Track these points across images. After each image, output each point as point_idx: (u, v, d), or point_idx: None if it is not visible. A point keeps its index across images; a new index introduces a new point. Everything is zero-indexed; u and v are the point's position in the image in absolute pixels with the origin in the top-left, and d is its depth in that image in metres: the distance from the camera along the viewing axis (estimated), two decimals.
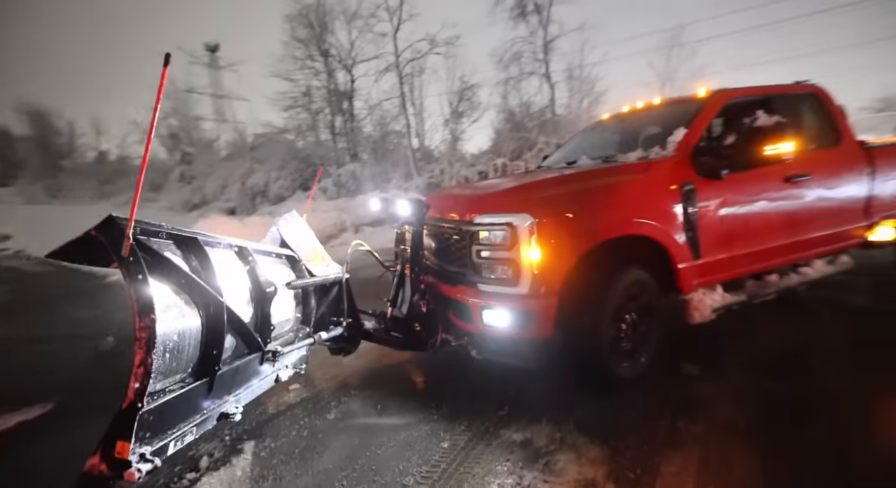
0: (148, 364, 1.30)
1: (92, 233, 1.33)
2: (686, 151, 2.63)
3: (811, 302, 3.51)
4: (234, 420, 1.79)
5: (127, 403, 1.30)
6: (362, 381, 2.84)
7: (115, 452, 1.28)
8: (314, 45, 17.77)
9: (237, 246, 1.99)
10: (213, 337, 1.63)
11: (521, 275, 2.22)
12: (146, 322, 1.31)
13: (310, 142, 18.68)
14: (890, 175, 3.30)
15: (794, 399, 2.26)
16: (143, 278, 1.33)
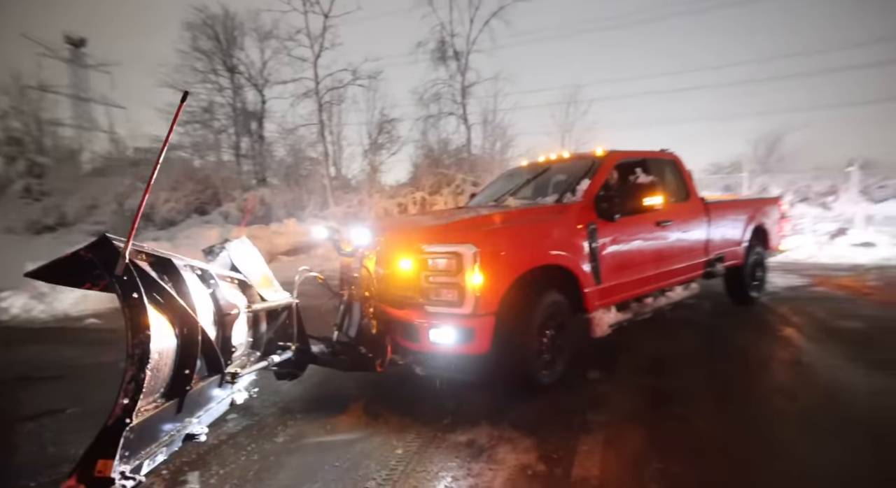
0: (140, 380, 1.36)
1: (82, 253, 1.36)
2: (590, 198, 3.32)
3: (674, 319, 4.45)
4: (199, 440, 1.79)
5: (113, 420, 1.33)
6: (306, 405, 2.90)
7: (94, 471, 1.29)
8: (218, 59, 16.97)
9: (199, 268, 2.04)
10: (187, 357, 1.67)
11: (465, 296, 2.59)
12: (140, 338, 1.37)
13: (210, 162, 17.40)
14: (720, 223, 4.44)
15: (665, 391, 2.93)
16: (138, 296, 1.39)
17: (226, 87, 17.27)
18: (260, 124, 17.12)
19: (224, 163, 16.92)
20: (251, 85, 17.15)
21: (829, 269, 7.34)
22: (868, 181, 11.57)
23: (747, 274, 4.96)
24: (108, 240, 1.39)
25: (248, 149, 17.38)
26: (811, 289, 5.94)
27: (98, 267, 1.37)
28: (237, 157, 17.10)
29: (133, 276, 1.39)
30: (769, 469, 2.07)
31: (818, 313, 4.62)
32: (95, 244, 1.38)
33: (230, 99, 17.24)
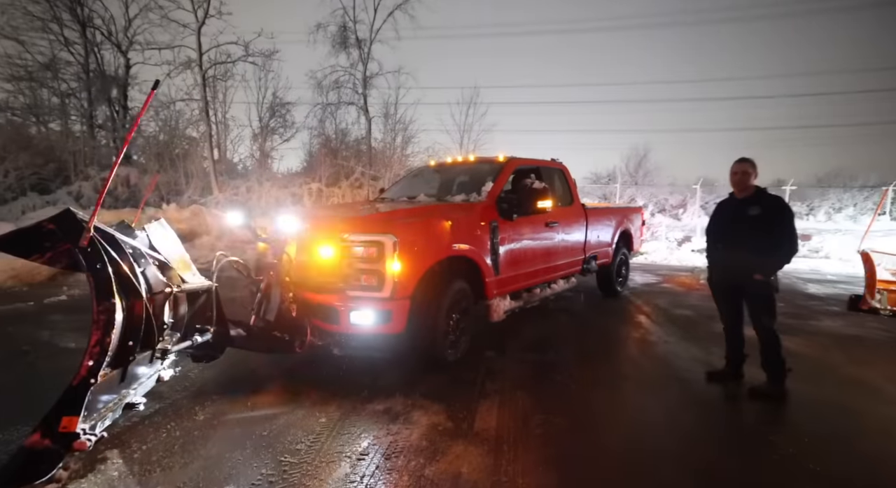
0: (105, 344, 1.56)
1: (45, 224, 1.52)
2: (493, 199, 4.01)
3: (556, 307, 5.46)
4: (139, 409, 1.96)
5: (79, 380, 1.52)
6: (220, 387, 3.07)
7: (59, 427, 1.49)
8: (64, 6, 14.51)
9: (132, 246, 2.17)
10: (132, 330, 1.86)
11: (384, 281, 3.04)
12: (106, 306, 1.57)
13: (53, 130, 14.87)
14: (595, 227, 5.57)
15: (546, 363, 3.74)
16: (101, 267, 1.59)
17: (75, 42, 14.87)
18: (123, 92, 15.09)
19: (73, 133, 14.55)
20: (112, 44, 15.03)
21: (675, 270, 9.36)
22: (707, 197, 14.77)
23: (615, 271, 6.24)
24: (72, 214, 1.55)
25: (105, 121, 15.19)
26: (660, 285, 7.61)
27: (58, 238, 1.54)
28: (91, 128, 14.84)
29: (97, 248, 1.58)
30: (619, 413, 2.93)
31: (662, 304, 6.05)
32: (59, 217, 1.53)
33: (80, 57, 14.88)
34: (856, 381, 3.51)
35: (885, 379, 3.55)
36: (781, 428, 2.77)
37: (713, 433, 2.69)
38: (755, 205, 3.04)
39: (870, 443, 2.59)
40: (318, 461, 2.25)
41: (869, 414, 2.95)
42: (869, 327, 5.14)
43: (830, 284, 8.01)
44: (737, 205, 3.17)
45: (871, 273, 5.52)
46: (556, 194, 5.05)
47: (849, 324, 5.25)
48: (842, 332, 4.93)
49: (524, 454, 2.37)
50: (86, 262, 1.54)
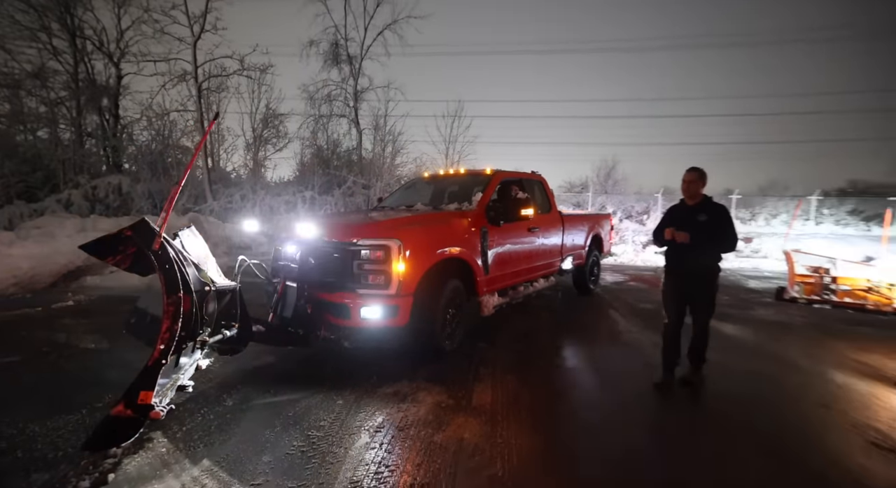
0: (174, 330, 1.79)
1: (126, 231, 1.74)
2: (483, 207, 4.33)
3: (537, 304, 5.81)
4: (188, 391, 2.17)
5: (153, 361, 1.75)
6: (244, 377, 3.28)
7: (138, 400, 1.71)
8: (54, 15, 14.18)
9: (178, 250, 2.38)
10: (186, 321, 2.08)
11: (391, 280, 3.32)
12: (174, 298, 1.80)
13: (41, 139, 14.49)
14: (570, 231, 5.96)
15: (531, 351, 4.07)
16: (169, 266, 1.82)
17: (64, 52, 14.55)
18: (115, 102, 14.83)
19: (62, 142, 14.21)
20: (103, 54, 14.77)
21: (641, 270, 9.90)
22: (668, 205, 15.49)
23: (588, 271, 6.65)
24: (146, 222, 1.78)
25: (96, 130, 14.87)
26: (628, 283, 8.08)
27: (132, 243, 1.76)
28: (80, 137, 14.52)
29: (166, 250, 1.81)
30: (590, 387, 3.27)
31: (629, 299, 6.49)
32: (136, 225, 1.76)
33: (69, 66, 14.58)
34: (777, 357, 4.03)
35: (800, 355, 4.09)
36: (719, 394, 3.20)
37: (666, 397, 3.10)
38: (703, 212, 3.21)
39: (785, 402, 3.08)
40: (341, 433, 2.50)
41: (785, 381, 3.48)
42: (791, 314, 5.78)
43: (767, 280, 8.73)
44: (688, 212, 3.29)
45: (791, 268, 6.32)
46: (537, 203, 5.41)
47: (776, 312, 5.85)
48: (770, 319, 5.52)
49: (516, 422, 2.69)
50: (157, 262, 1.76)
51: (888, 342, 4.53)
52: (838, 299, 6.07)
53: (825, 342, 4.52)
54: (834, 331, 4.96)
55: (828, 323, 5.33)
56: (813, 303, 6.15)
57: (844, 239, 14.25)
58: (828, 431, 2.66)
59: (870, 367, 3.75)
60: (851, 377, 3.54)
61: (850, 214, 18.82)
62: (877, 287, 5.85)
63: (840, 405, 3.01)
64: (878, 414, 2.88)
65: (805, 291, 6.29)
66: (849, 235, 15.59)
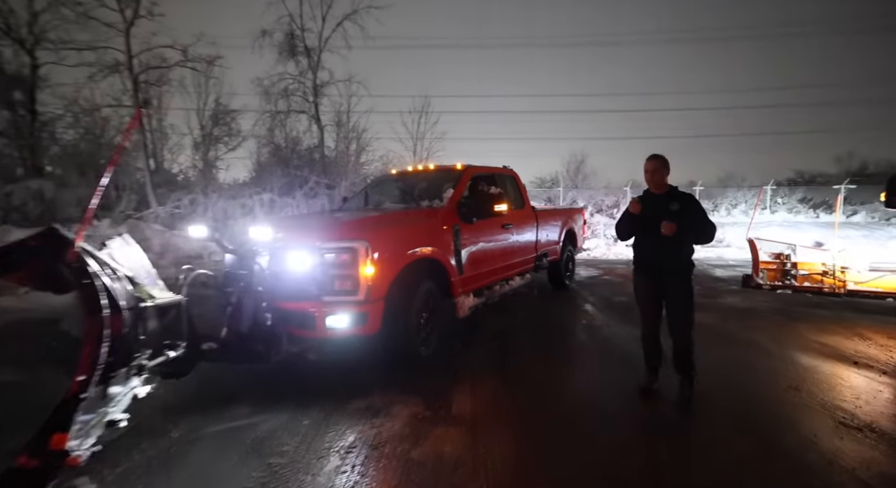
0: (97, 356, 1.52)
1: (31, 242, 1.45)
2: (454, 204, 4.17)
3: (514, 302, 5.73)
4: (120, 426, 1.88)
5: (69, 395, 1.47)
6: (194, 402, 2.97)
7: (49, 445, 1.43)
8: None
9: (104, 261, 2.07)
10: (118, 343, 1.79)
11: (359, 285, 3.10)
12: (97, 318, 1.53)
13: None
14: (544, 227, 5.91)
15: (509, 351, 3.98)
16: (88, 281, 1.54)
17: None
18: (30, 95, 13.32)
19: None
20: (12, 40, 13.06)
21: (613, 263, 10.07)
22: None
23: (563, 267, 6.63)
24: (56, 230, 1.49)
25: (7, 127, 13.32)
26: (602, 277, 8.17)
27: (40, 255, 1.47)
28: None
29: (84, 263, 1.53)
30: (572, 386, 3.18)
31: (604, 293, 6.54)
32: (43, 234, 1.47)
33: None
34: (748, 342, 4.15)
35: (767, 339, 4.24)
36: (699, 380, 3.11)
37: (649, 395, 3.02)
38: (674, 200, 2.95)
39: (759, 386, 3.18)
40: (308, 457, 2.28)
41: (757, 365, 3.58)
42: (757, 300, 6.03)
43: (731, 268, 9.14)
44: (658, 201, 2.99)
45: (756, 256, 6.61)
46: (510, 198, 5.30)
47: (743, 299, 6.08)
48: (738, 306, 5.73)
49: (497, 429, 2.57)
50: (74, 277, 1.48)
51: (843, 322, 4.82)
52: (798, 284, 6.43)
53: (789, 326, 4.73)
54: (796, 314, 5.21)
55: (790, 307, 5.60)
56: (776, 288, 6.46)
57: (796, 226, 15.16)
58: (800, 412, 2.77)
59: (830, 348, 3.95)
60: (815, 359, 3.71)
61: (800, 202, 20.11)
62: (831, 271, 6.20)
63: (808, 386, 3.13)
64: (843, 393, 3.02)
65: (769, 277, 6.58)
66: (800, 222, 16.63)
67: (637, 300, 3.16)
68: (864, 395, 2.98)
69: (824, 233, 12.04)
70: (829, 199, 19.10)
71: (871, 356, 3.73)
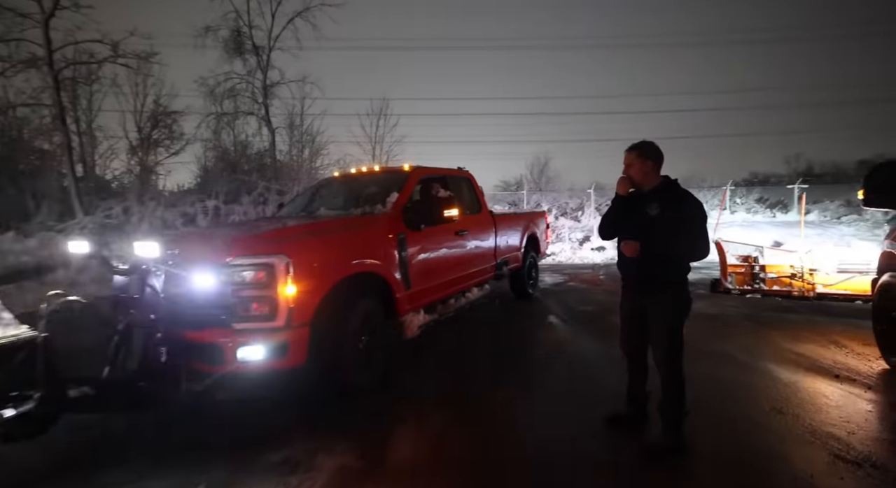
0: None
1: None
2: (399, 209, 3.75)
3: (472, 316, 5.34)
4: None
5: None
6: (50, 468, 2.38)
7: None
8: None
9: None
10: None
11: (277, 309, 2.62)
12: None
13: None
14: (504, 233, 5.58)
15: (463, 377, 3.58)
16: None
17: None
18: None
19: None
20: None
21: (579, 268, 9.92)
22: (599, 200, 16.07)
23: (525, 274, 6.32)
24: None
25: None
26: (567, 284, 7.95)
27: None
28: None
29: None
30: (534, 418, 2.80)
31: (569, 302, 6.28)
32: None
33: None
34: (722, 356, 3.90)
35: (741, 351, 4.01)
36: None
37: (621, 429, 2.65)
38: (656, 202, 2.35)
39: (739, 408, 2.88)
40: None
41: (734, 382, 3.31)
42: (726, 305, 5.87)
43: (697, 270, 9.02)
44: (637, 201, 2.45)
45: (723, 259, 6.47)
46: (464, 202, 4.95)
47: (711, 304, 5.91)
48: (707, 312, 5.53)
49: (442, 483, 2.12)
50: None
51: (815, 328, 4.67)
52: (768, 287, 6.30)
53: (762, 333, 4.54)
54: (767, 320, 5.06)
55: (760, 312, 5.47)
56: (745, 293, 6.30)
57: (755, 225, 15.65)
58: (789, 443, 2.44)
59: (808, 359, 3.74)
60: (795, 372, 3.46)
61: (757, 202, 20.97)
62: (800, 273, 6.11)
63: (793, 408, 2.84)
64: (831, 415, 2.74)
65: (737, 281, 6.44)
66: (758, 222, 17.23)
67: (620, 314, 2.65)
68: (854, 418, 2.71)
69: (782, 233, 12.38)
70: (784, 199, 20.01)
71: (851, 367, 3.53)
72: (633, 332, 2.56)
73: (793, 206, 19.27)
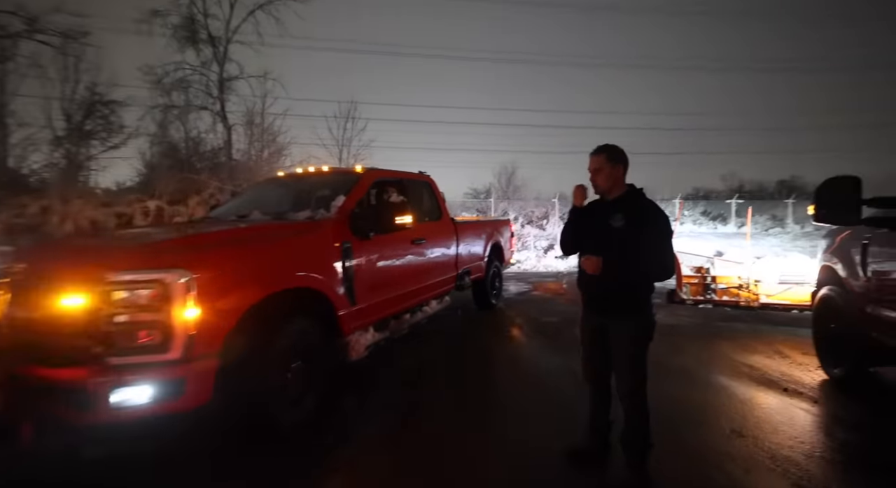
0: None
1: None
2: (345, 215, 3.20)
3: (431, 331, 4.83)
4: None
5: None
6: None
7: None
8: None
9: None
10: None
11: (172, 338, 2.01)
12: None
13: None
14: (466, 241, 5.12)
15: (415, 404, 3.06)
16: None
17: None
18: None
19: None
20: None
21: (544, 277, 9.63)
22: (563, 209, 16.03)
23: (488, 284, 5.88)
24: None
25: None
26: (532, 293, 7.60)
27: None
28: None
29: None
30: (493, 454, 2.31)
31: (532, 313, 5.88)
32: None
33: None
34: (677, 369, 3.67)
35: (696, 364, 3.85)
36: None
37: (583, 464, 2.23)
38: (620, 212, 2.05)
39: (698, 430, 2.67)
40: None
41: (690, 401, 3.09)
42: (680, 315, 5.79)
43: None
44: (601, 211, 2.14)
45: (679, 270, 6.51)
46: (423, 209, 4.46)
47: (667, 314, 5.75)
48: (663, 322, 5.20)
49: None
50: None
51: (760, 337, 4.69)
52: (718, 297, 6.35)
53: (713, 344, 4.44)
54: (717, 330, 5.01)
55: (711, 322, 5.44)
56: (699, 303, 6.33)
57: (701, 236, 16.18)
58: (753, 473, 2.20)
59: (757, 372, 3.65)
60: (748, 387, 3.35)
61: (702, 215, 21.84)
62: (746, 284, 6.22)
63: (751, 429, 2.65)
64: (787, 437, 2.55)
65: (692, 292, 6.47)
66: (703, 233, 17.89)
67: (581, 335, 2.30)
68: (808, 437, 2.57)
69: (723, 243, 12.91)
70: (724, 213, 21.15)
71: (796, 379, 3.48)
72: (595, 356, 2.22)
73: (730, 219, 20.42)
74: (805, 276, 5.60)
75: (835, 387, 3.29)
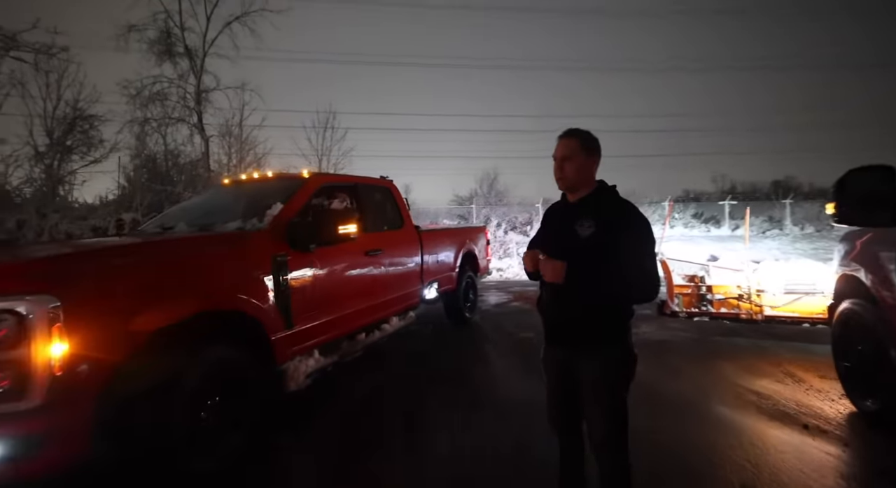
0: None
1: None
2: (281, 225, 2.84)
3: (391, 350, 4.45)
4: None
5: None
6: None
7: None
8: None
9: None
10: None
11: (30, 382, 1.64)
12: None
13: None
14: (433, 251, 4.78)
15: (363, 443, 2.69)
16: None
17: None
18: None
19: None
20: None
21: (525, 285, 9.28)
22: None
23: (461, 297, 5.53)
24: None
25: None
26: (510, 304, 7.25)
27: None
28: None
29: None
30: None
31: (509, 327, 5.51)
32: None
33: None
34: (672, 397, 3.22)
35: (695, 391, 3.35)
36: None
37: None
38: (588, 217, 1.62)
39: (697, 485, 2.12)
40: None
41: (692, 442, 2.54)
42: (673, 329, 5.31)
43: None
44: (565, 216, 1.71)
45: (669, 279, 5.83)
46: (383, 216, 4.12)
47: (658, 328, 5.35)
48: (653, 338, 4.93)
49: None
50: None
51: (766, 356, 4.16)
52: (715, 310, 5.70)
53: (713, 365, 3.92)
54: (716, 347, 4.51)
55: (707, 337, 4.93)
56: (693, 316, 5.66)
57: (693, 240, 15.90)
58: None
59: (768, 401, 3.11)
60: (758, 422, 2.80)
61: (693, 217, 21.60)
62: (747, 294, 5.54)
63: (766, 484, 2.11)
64: None
65: (684, 303, 5.82)
66: (695, 236, 17.61)
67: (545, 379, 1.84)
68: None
69: (717, 247, 12.43)
70: (717, 215, 20.77)
71: (816, 412, 2.91)
72: (563, 402, 1.74)
73: (724, 221, 20.09)
74: (815, 285, 4.97)
75: (867, 425, 2.70)
